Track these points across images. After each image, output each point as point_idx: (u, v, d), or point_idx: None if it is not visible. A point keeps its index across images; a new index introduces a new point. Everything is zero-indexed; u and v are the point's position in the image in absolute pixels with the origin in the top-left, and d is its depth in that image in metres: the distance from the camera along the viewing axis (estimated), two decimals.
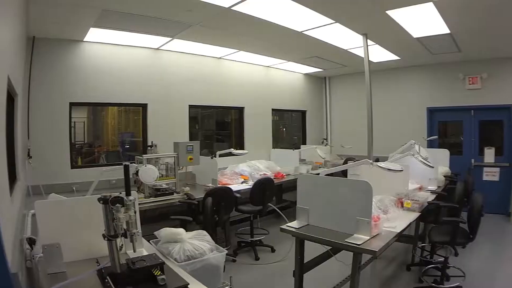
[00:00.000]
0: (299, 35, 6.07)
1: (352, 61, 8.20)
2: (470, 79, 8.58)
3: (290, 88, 9.78)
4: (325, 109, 10.77)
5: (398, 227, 3.79)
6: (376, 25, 5.71)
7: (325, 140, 10.23)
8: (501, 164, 8.55)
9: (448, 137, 9.48)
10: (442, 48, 7.35)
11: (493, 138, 8.82)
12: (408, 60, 8.61)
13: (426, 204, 4.71)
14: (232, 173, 6.74)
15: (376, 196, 4.16)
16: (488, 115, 8.70)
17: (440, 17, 5.42)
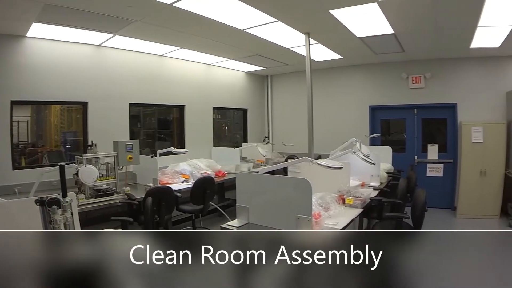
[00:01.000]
0: (241, 33, 6.11)
1: (294, 60, 8.32)
2: (414, 78, 8.93)
3: (231, 86, 9.81)
4: (266, 107, 10.86)
5: (340, 224, 3.90)
6: (319, 24, 5.78)
7: (267, 138, 10.27)
8: (445, 161, 9.01)
9: (391, 135, 9.79)
10: (386, 48, 7.55)
11: (436, 136, 9.26)
12: (351, 60, 8.79)
13: (368, 200, 4.84)
14: (173, 172, 6.68)
15: (317, 194, 4.24)
16: (432, 114, 9.12)
17: (384, 18, 5.53)
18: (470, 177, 8.35)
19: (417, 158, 9.20)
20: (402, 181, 5.92)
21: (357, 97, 9.57)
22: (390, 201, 5.31)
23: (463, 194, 8.44)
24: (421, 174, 8.97)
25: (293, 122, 9.96)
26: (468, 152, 8.31)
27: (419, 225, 4.56)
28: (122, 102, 7.10)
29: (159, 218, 5.34)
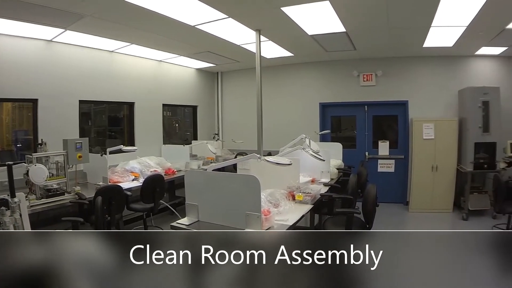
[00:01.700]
0: (192, 30, 6.14)
1: (245, 57, 8.36)
2: (365, 76, 9.23)
3: (182, 83, 9.84)
4: (217, 104, 10.91)
5: (290, 220, 4.00)
6: (270, 21, 5.89)
7: (217, 135, 10.35)
8: (396, 157, 9.36)
9: (343, 132, 10.02)
10: (337, 46, 7.74)
11: (387, 132, 9.60)
12: (302, 57, 8.95)
13: (318, 196, 4.98)
14: (123, 171, 6.69)
15: (266, 190, 4.34)
16: (382, 111, 9.46)
17: (336, 16, 5.68)
18: (421, 173, 8.67)
19: (368, 154, 9.51)
20: (353, 177, 6.02)
21: (307, 94, 9.76)
22: (341, 197, 5.45)
23: (415, 189, 8.77)
24: (372, 170, 9.25)
25: (244, 119, 10.05)
26: (419, 148, 8.63)
27: (370, 220, 4.68)
28: (72, 99, 7.02)
29: (110, 218, 5.34)
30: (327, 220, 5.09)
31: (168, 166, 7.47)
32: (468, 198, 8.30)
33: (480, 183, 9.11)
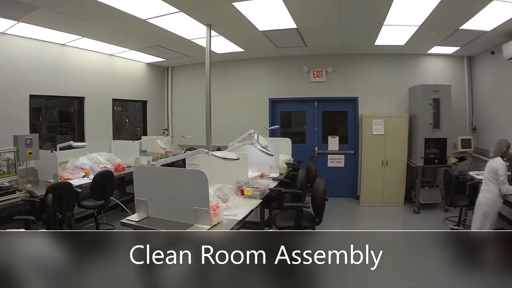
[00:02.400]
0: (143, 23, 6.10)
1: (195, 52, 8.33)
2: (315, 72, 9.44)
3: (132, 78, 9.74)
4: (166, 99, 10.84)
5: (239, 215, 4.08)
6: (222, 16, 5.92)
7: (166, 131, 10.36)
8: (346, 152, 9.65)
9: (293, 127, 10.23)
10: (288, 42, 7.85)
11: (337, 128, 9.85)
12: (253, 53, 9.04)
13: (267, 191, 5.11)
14: (73, 167, 6.63)
15: (215, 185, 4.39)
16: (332, 107, 9.72)
17: (288, 12, 5.73)
18: (371, 167, 8.99)
19: (318, 149, 9.74)
20: (301, 171, 6.19)
21: (257, 90, 9.89)
22: (290, 191, 5.61)
23: (365, 183, 9.08)
24: (322, 165, 9.54)
25: (193, 114, 10.01)
26: (369, 144, 8.93)
27: (320, 214, 4.84)
28: (22, 94, 6.90)
29: (61, 216, 5.29)
30: (277, 215, 5.20)
31: (118, 162, 7.47)
32: (419, 192, 8.63)
33: (431, 177, 9.49)
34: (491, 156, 5.59)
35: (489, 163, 5.53)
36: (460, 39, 7.59)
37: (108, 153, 7.76)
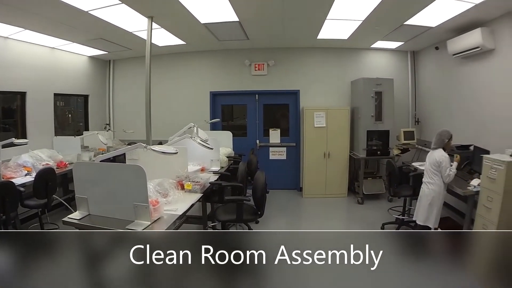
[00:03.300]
0: (85, 15, 6.00)
1: (137, 44, 8.25)
2: (257, 65, 9.64)
3: (74, 72, 9.56)
4: (108, 93, 10.67)
5: (179, 210, 4.12)
6: (163, 8, 5.91)
7: (108, 126, 10.28)
8: (288, 144, 9.92)
9: (234, 120, 10.40)
10: (230, 35, 7.96)
11: (279, 121, 10.10)
12: (194, 46, 9.11)
13: (208, 184, 5.20)
14: (16, 165, 6.49)
15: (155, 180, 4.44)
16: (273, 100, 9.94)
17: (230, 5, 5.82)
18: (314, 159, 9.26)
19: (259, 142, 9.97)
20: (242, 164, 6.36)
21: (198, 83, 9.96)
22: (230, 185, 5.76)
23: (308, 175, 9.35)
24: (264, 157, 9.82)
25: (135, 108, 9.89)
26: (310, 136, 9.18)
27: (261, 206, 4.94)
28: None
29: (5, 216, 5.23)
30: (218, 209, 5.30)
31: (60, 159, 7.35)
32: (362, 183, 8.99)
33: (374, 169, 9.88)
34: (432, 148, 5.80)
35: (430, 156, 5.77)
36: (405, 34, 7.89)
37: (50, 150, 7.62)
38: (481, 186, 5.30)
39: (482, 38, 6.39)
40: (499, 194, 4.82)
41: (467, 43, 6.83)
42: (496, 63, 6.55)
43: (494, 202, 4.93)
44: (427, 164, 5.80)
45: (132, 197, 3.63)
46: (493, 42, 6.48)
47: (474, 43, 6.62)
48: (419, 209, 5.92)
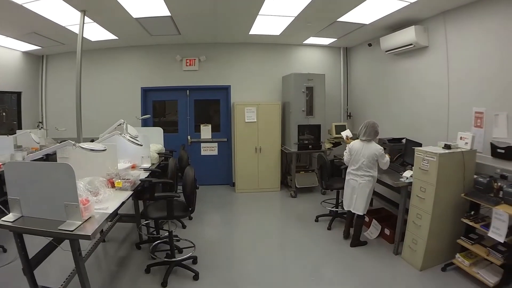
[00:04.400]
0: (19, 8, 5.90)
1: (70, 39, 8.14)
2: (188, 61, 9.80)
3: (6, 67, 9.31)
4: (41, 90, 10.46)
5: (110, 208, 4.11)
6: (96, 2, 5.89)
7: (41, 124, 10.13)
8: (219, 140, 10.19)
9: (167, 116, 10.50)
10: (162, 30, 8.04)
11: (210, 116, 10.31)
12: (126, 40, 9.16)
13: (138, 182, 5.22)
14: None
15: (85, 178, 4.43)
16: (205, 95, 10.13)
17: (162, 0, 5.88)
18: (245, 154, 9.53)
19: (191, 138, 10.15)
20: (172, 160, 6.43)
21: (130, 79, 10.01)
22: (160, 181, 5.85)
23: (240, 170, 9.61)
24: (196, 153, 10.05)
25: (68, 105, 9.50)
26: (242, 131, 9.43)
27: (192, 202, 5.04)
28: None
29: None
30: (150, 206, 5.34)
31: None
32: (295, 176, 9.30)
33: (306, 162, 10.29)
34: (366, 140, 6.08)
35: (367, 149, 6.05)
36: (338, 31, 8.21)
37: None
38: (413, 177, 5.64)
39: (415, 35, 6.79)
40: (432, 184, 5.17)
41: (401, 40, 7.24)
42: (428, 60, 6.97)
43: (428, 193, 5.28)
44: (363, 157, 6.06)
45: (63, 196, 3.60)
46: (427, 39, 6.89)
47: (408, 40, 7.02)
48: (356, 200, 6.24)
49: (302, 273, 5.36)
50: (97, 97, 9.87)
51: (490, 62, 5.49)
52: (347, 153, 6.39)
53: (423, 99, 7.22)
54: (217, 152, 10.41)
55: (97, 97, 9.85)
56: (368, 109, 9.70)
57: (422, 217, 5.42)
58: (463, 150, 5.39)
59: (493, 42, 5.43)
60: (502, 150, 5.25)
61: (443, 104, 6.57)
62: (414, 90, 7.51)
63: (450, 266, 5.37)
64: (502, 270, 4.72)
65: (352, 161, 6.26)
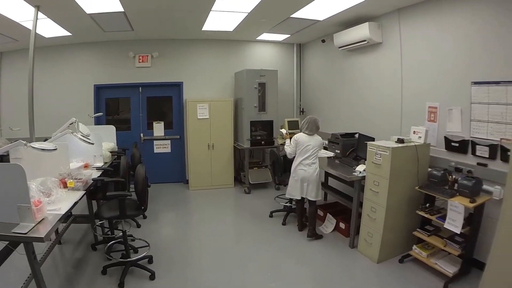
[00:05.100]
0: None
1: (24, 36, 7.66)
2: (141, 57, 9.66)
3: None
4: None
5: (63, 209, 3.99)
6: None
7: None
8: (172, 137, 10.12)
9: (120, 114, 10.35)
10: (115, 26, 7.88)
11: (163, 113, 10.24)
12: (80, 37, 8.91)
13: (91, 181, 5.13)
14: None
15: (38, 179, 4.29)
16: (157, 92, 10.03)
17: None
18: (198, 151, 9.51)
19: (143, 135, 10.03)
20: (123, 159, 6.34)
21: (84, 76, 9.71)
22: (112, 180, 5.75)
23: (193, 167, 9.58)
24: (149, 151, 9.95)
25: (23, 104, 8.40)
26: (194, 128, 9.41)
27: (144, 201, 4.97)
28: None
29: None
30: (102, 206, 5.25)
31: None
32: (248, 172, 9.34)
33: (260, 158, 10.31)
34: (309, 134, 6.34)
35: (313, 140, 6.33)
36: (291, 27, 8.23)
37: None
38: (366, 171, 5.75)
39: (369, 32, 6.90)
40: (386, 178, 5.28)
41: (354, 36, 7.33)
42: (382, 56, 7.11)
43: (381, 186, 5.39)
44: (312, 147, 6.32)
45: (15, 198, 3.49)
46: (381, 36, 7.01)
47: (361, 37, 7.12)
48: (308, 187, 6.41)
49: (259, 269, 5.39)
50: (51, 95, 9.56)
51: (443, 59, 5.65)
52: (291, 146, 6.52)
53: (376, 95, 7.36)
54: (170, 150, 10.32)
55: (51, 95, 9.54)
56: (321, 104, 9.80)
57: (376, 210, 5.53)
58: (417, 144, 5.53)
59: (446, 39, 5.59)
60: (456, 144, 5.42)
61: (396, 100, 6.71)
62: (367, 86, 7.64)
63: (408, 258, 5.51)
64: (461, 260, 4.88)
65: (300, 152, 6.41)
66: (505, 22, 4.67)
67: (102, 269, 5.12)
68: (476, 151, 5.11)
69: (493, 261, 3.98)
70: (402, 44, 6.56)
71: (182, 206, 8.55)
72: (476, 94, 5.09)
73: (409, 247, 5.50)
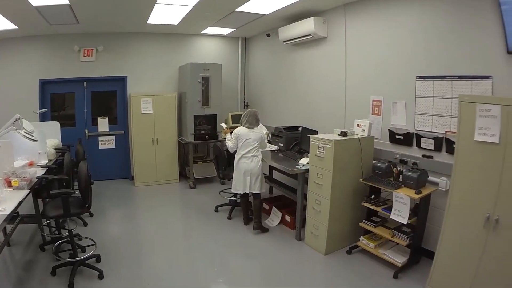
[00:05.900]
0: None
1: None
2: (86, 51, 9.43)
3: None
4: None
5: (7, 209, 3.89)
6: None
7: None
8: (116, 132, 9.96)
9: (66, 110, 10.05)
10: (61, 19, 7.66)
11: (107, 108, 10.07)
12: (26, 30, 8.60)
13: (35, 179, 5.00)
14: None
15: None
16: (102, 87, 9.84)
17: None
18: (142, 147, 9.46)
19: (88, 131, 9.82)
20: (67, 155, 6.26)
21: (29, 71, 9.34)
22: (56, 178, 5.59)
23: (138, 163, 9.51)
24: (94, 147, 9.75)
25: None
26: (138, 123, 9.34)
27: (87, 198, 4.89)
28: None
29: None
30: (47, 204, 5.12)
31: None
32: (193, 167, 9.35)
33: (204, 153, 10.33)
34: (249, 127, 6.49)
35: (253, 133, 6.45)
36: (236, 21, 8.23)
37: None
38: (310, 164, 5.84)
39: (314, 26, 6.98)
40: (329, 171, 5.38)
41: (299, 31, 7.42)
42: (327, 50, 7.23)
43: (325, 179, 5.49)
44: (254, 141, 6.45)
45: None
46: (326, 30, 7.13)
47: (306, 31, 7.21)
48: (251, 180, 6.51)
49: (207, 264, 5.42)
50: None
51: (388, 54, 5.83)
52: (232, 140, 6.63)
53: (320, 88, 7.50)
54: (115, 145, 10.14)
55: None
56: (265, 98, 9.92)
57: (321, 202, 5.64)
58: (360, 136, 5.68)
59: (391, 34, 5.77)
60: (401, 137, 5.61)
61: (340, 93, 6.87)
62: (312, 80, 7.78)
63: (355, 249, 5.66)
64: (409, 250, 5.04)
65: (241, 146, 6.50)
66: (448, 18, 4.87)
67: (51, 270, 4.99)
68: (421, 144, 5.31)
69: (442, 249, 4.18)
70: (347, 39, 6.70)
71: (129, 203, 8.47)
72: (421, 88, 5.29)
73: (356, 238, 5.64)
